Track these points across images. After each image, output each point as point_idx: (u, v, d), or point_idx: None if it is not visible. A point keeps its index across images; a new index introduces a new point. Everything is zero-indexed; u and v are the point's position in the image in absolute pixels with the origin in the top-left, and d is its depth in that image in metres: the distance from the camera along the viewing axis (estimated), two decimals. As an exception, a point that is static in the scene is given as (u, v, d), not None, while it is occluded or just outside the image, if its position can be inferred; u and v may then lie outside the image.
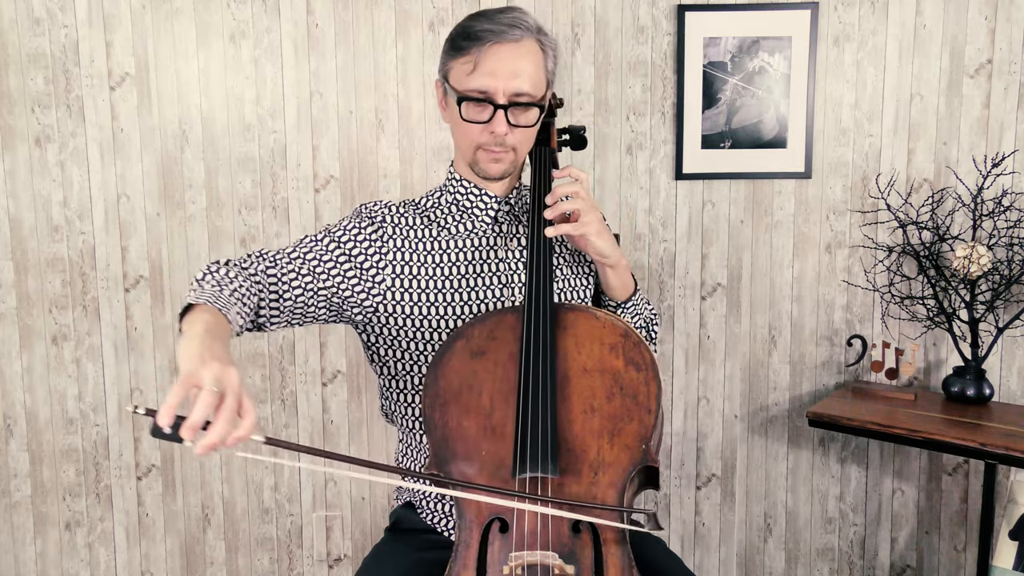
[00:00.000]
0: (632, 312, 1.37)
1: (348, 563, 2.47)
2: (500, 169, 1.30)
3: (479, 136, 1.27)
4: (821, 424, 2.11)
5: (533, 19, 1.27)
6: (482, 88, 1.23)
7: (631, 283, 1.36)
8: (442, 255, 1.32)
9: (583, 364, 1.19)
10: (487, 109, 1.24)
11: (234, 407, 0.90)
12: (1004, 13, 2.23)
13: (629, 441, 1.14)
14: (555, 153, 1.41)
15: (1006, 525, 2.13)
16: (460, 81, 1.25)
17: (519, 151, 1.30)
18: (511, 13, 1.25)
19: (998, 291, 2.17)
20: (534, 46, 1.26)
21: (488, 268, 1.34)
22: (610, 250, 1.28)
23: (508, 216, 1.38)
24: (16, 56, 2.24)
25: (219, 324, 1.04)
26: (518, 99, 1.24)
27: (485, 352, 1.20)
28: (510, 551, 1.09)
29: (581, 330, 1.21)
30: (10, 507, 2.38)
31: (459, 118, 1.27)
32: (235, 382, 0.91)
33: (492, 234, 1.36)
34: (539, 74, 1.27)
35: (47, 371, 2.35)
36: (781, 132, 2.30)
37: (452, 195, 1.37)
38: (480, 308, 1.31)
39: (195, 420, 0.87)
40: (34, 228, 2.30)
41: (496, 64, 1.22)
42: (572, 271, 1.39)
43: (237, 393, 0.91)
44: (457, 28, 1.28)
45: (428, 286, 1.31)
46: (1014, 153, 2.27)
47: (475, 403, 1.17)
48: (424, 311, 1.30)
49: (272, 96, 2.30)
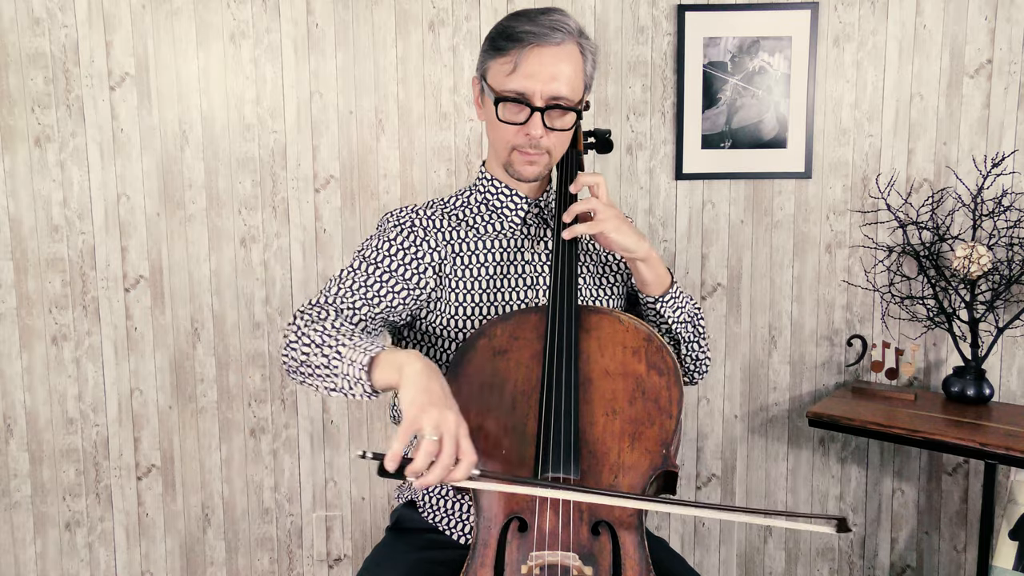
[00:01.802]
0: (672, 306, 1.34)
1: (348, 563, 2.47)
2: (534, 172, 1.30)
3: (514, 137, 1.26)
4: (821, 424, 2.11)
5: (575, 22, 1.26)
6: (520, 90, 1.23)
7: (666, 276, 1.34)
8: (470, 256, 1.33)
9: (605, 367, 1.19)
10: (524, 111, 1.24)
11: (451, 453, 0.98)
12: (1004, 13, 2.23)
13: (650, 445, 1.15)
14: (581, 156, 1.40)
15: (1006, 525, 2.13)
16: (498, 81, 1.25)
17: (554, 154, 1.30)
18: (553, 15, 1.24)
19: (998, 291, 2.17)
20: (574, 50, 1.25)
21: (514, 269, 1.33)
22: (635, 244, 1.26)
23: (537, 219, 1.38)
24: (16, 56, 2.24)
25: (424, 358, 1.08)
26: (556, 102, 1.24)
27: (508, 351, 1.20)
28: (529, 551, 1.10)
29: (604, 333, 1.21)
30: (10, 507, 2.38)
31: (495, 118, 1.26)
32: (452, 427, 0.99)
33: (520, 235, 1.36)
34: (578, 78, 1.26)
35: (47, 371, 2.34)
36: (781, 132, 2.30)
37: (482, 194, 1.37)
38: (504, 309, 1.31)
39: (416, 467, 0.97)
40: (34, 228, 2.30)
41: (536, 67, 1.22)
42: (596, 280, 1.39)
43: (455, 437, 0.98)
44: (498, 27, 1.27)
45: (457, 286, 1.31)
46: (1014, 153, 2.27)
47: (496, 402, 1.17)
48: (452, 310, 1.30)
49: (272, 96, 2.30)
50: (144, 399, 2.37)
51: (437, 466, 0.96)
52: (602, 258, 1.41)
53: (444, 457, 0.96)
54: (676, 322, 1.35)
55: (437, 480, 0.97)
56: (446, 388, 1.04)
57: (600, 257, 1.41)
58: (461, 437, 0.99)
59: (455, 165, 2.34)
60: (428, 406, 0.99)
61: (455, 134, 2.33)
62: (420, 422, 0.97)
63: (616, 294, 1.41)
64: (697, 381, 1.45)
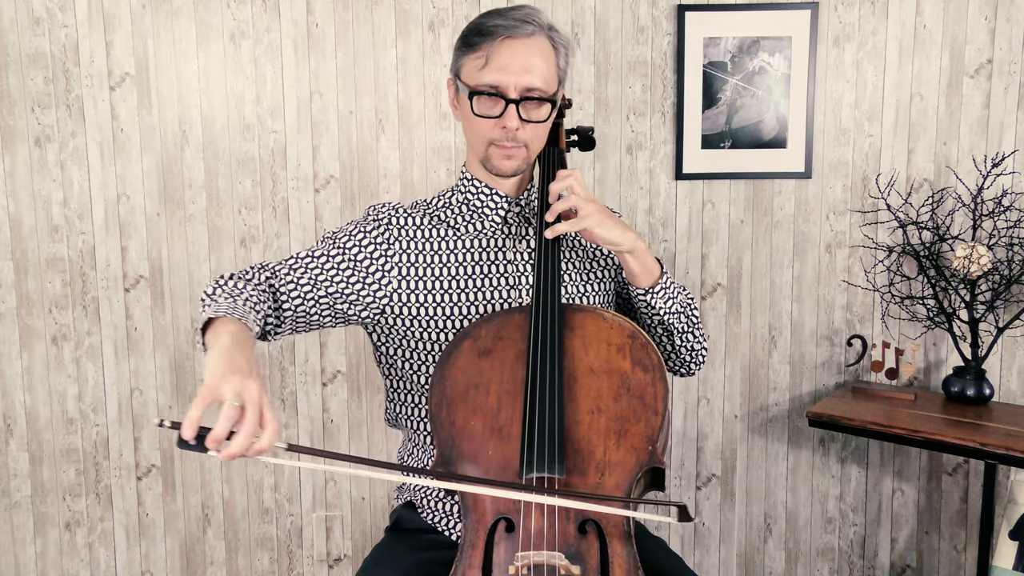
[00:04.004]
0: (664, 297, 1.33)
1: (348, 563, 2.47)
2: (512, 166, 1.30)
3: (491, 131, 1.27)
4: (821, 424, 2.11)
5: (545, 16, 1.27)
6: (494, 83, 1.23)
7: (655, 267, 1.32)
8: (450, 255, 1.32)
9: (590, 364, 1.18)
10: (499, 104, 1.24)
11: (255, 420, 0.94)
12: (1004, 13, 2.23)
13: (636, 442, 1.14)
14: (563, 154, 1.40)
15: (1006, 525, 2.13)
16: (472, 76, 1.25)
17: (531, 148, 1.30)
18: (523, 9, 1.25)
19: (998, 291, 2.17)
20: (545, 43, 1.26)
21: (496, 269, 1.33)
22: (619, 237, 1.25)
23: (518, 217, 1.37)
24: (16, 56, 2.24)
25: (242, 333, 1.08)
26: (530, 94, 1.24)
27: (492, 352, 1.20)
28: (516, 551, 1.09)
29: (588, 331, 1.21)
30: (10, 507, 2.38)
31: (471, 114, 1.26)
32: (255, 394, 0.95)
33: (501, 235, 1.35)
34: (551, 70, 1.27)
35: (47, 371, 2.35)
36: (781, 132, 2.30)
37: (463, 195, 1.37)
38: (487, 309, 1.31)
39: (217, 434, 0.93)
40: (34, 228, 2.30)
41: (508, 59, 1.23)
42: (582, 276, 1.38)
43: (257, 405, 0.95)
44: (469, 25, 1.28)
45: (435, 287, 1.31)
46: (1014, 153, 2.27)
47: (482, 403, 1.17)
48: (431, 311, 1.30)
49: (272, 96, 2.30)
50: (144, 399, 2.37)
51: (240, 434, 0.93)
52: (589, 253, 1.41)
53: (247, 424, 0.93)
54: (668, 313, 1.33)
55: (239, 450, 0.93)
56: (252, 362, 1.03)
57: (587, 253, 1.40)
58: (264, 406, 0.96)
59: (455, 165, 2.34)
60: (229, 373, 0.97)
61: (455, 134, 2.33)
62: (221, 388, 0.95)
63: (604, 289, 1.40)
64: (695, 372, 1.44)
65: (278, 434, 0.96)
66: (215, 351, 1.02)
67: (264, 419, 0.95)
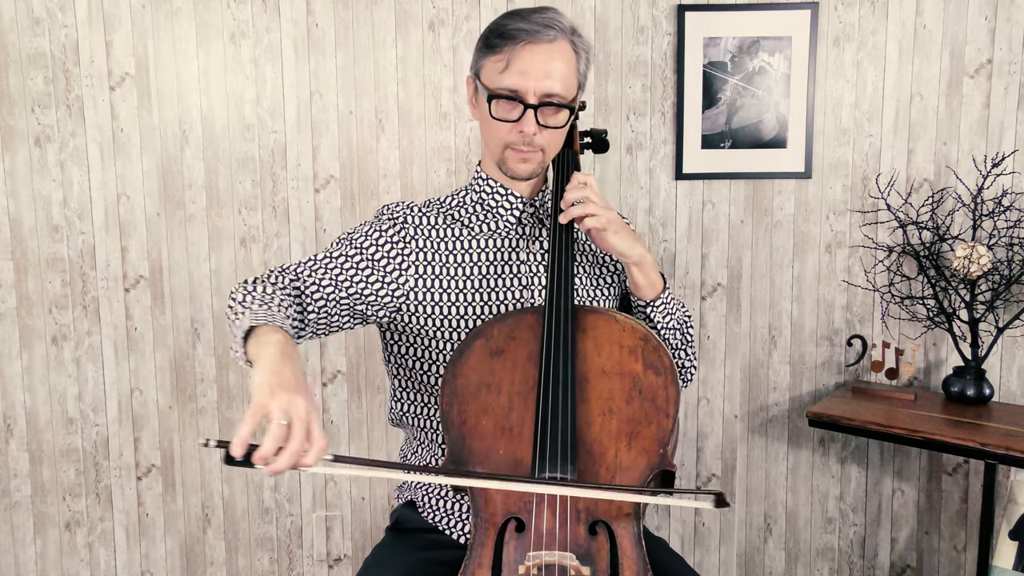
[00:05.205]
0: (663, 312, 1.34)
1: (348, 563, 2.47)
2: (528, 169, 1.30)
3: (508, 135, 1.26)
4: (821, 424, 2.11)
5: (568, 20, 1.26)
6: (513, 87, 1.23)
7: (659, 281, 1.34)
8: (463, 255, 1.32)
9: (602, 366, 1.18)
10: (517, 108, 1.24)
11: (301, 437, 0.93)
12: (1004, 13, 2.23)
13: (647, 444, 1.14)
14: (577, 156, 1.40)
15: (1006, 525, 2.13)
16: (491, 79, 1.25)
17: (547, 152, 1.30)
18: (546, 13, 1.25)
19: (998, 291, 2.17)
20: (567, 47, 1.25)
21: (509, 269, 1.33)
22: (629, 248, 1.26)
23: (532, 218, 1.37)
24: (16, 56, 2.24)
25: (287, 342, 1.06)
26: (549, 100, 1.24)
27: (504, 351, 1.20)
28: (527, 551, 1.10)
29: (601, 332, 1.20)
30: (10, 507, 2.38)
31: (489, 116, 1.26)
32: (302, 411, 0.95)
33: (515, 235, 1.36)
34: (571, 76, 1.26)
35: (47, 371, 2.35)
36: (781, 132, 2.30)
37: (478, 194, 1.37)
38: (499, 309, 1.31)
39: (264, 453, 0.92)
40: (34, 228, 2.30)
41: (528, 64, 1.22)
42: (592, 280, 1.39)
43: (304, 422, 0.94)
44: (491, 26, 1.27)
45: (449, 286, 1.31)
46: (1014, 153, 2.27)
47: (493, 402, 1.17)
48: (444, 311, 1.30)
49: (272, 96, 2.30)
50: (144, 399, 2.37)
51: (286, 452, 0.93)
52: (599, 259, 1.41)
53: (294, 442, 0.93)
54: (665, 328, 1.35)
55: (286, 467, 0.93)
56: (299, 375, 1.02)
57: (597, 258, 1.41)
58: (312, 422, 0.95)
59: (455, 165, 2.34)
60: (277, 389, 0.96)
61: (455, 134, 2.33)
62: (269, 406, 0.94)
63: (612, 295, 1.41)
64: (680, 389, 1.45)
65: (324, 450, 0.96)
66: (262, 364, 1.01)
67: (312, 435, 0.95)
